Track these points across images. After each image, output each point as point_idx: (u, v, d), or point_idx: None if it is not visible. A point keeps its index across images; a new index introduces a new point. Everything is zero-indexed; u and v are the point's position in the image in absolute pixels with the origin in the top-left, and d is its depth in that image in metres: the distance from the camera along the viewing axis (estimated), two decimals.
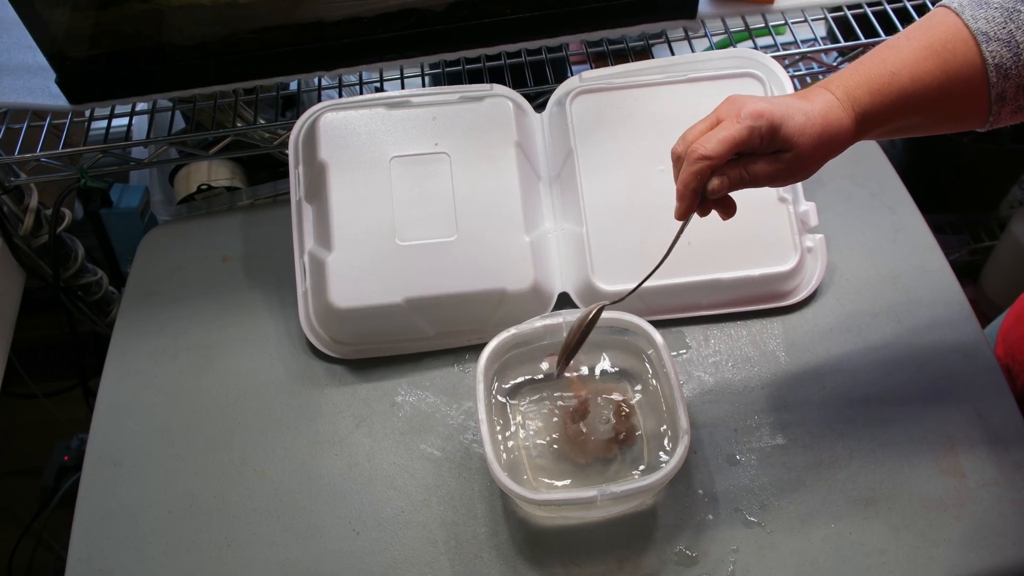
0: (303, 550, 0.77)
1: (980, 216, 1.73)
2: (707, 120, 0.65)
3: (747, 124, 0.62)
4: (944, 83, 0.62)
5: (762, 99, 0.63)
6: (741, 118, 0.62)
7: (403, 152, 0.89)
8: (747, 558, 0.74)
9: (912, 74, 0.62)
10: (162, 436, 0.85)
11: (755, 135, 0.62)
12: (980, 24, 0.61)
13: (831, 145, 0.63)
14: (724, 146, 0.62)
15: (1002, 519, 0.75)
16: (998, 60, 0.61)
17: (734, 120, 0.62)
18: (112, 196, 1.22)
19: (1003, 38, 0.61)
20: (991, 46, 0.61)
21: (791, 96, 0.65)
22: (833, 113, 0.63)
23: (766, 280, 0.88)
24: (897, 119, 0.64)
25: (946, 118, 0.65)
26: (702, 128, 0.65)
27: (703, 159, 0.62)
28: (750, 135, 0.62)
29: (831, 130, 0.63)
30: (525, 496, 0.70)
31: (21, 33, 0.85)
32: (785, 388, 0.84)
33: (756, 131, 0.62)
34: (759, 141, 0.62)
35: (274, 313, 0.92)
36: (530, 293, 0.86)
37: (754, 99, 0.63)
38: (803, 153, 0.63)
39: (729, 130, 0.62)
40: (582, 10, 0.95)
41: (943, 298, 0.89)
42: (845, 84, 0.64)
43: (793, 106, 0.63)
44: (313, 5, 0.90)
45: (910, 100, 0.63)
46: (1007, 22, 0.61)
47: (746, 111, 0.62)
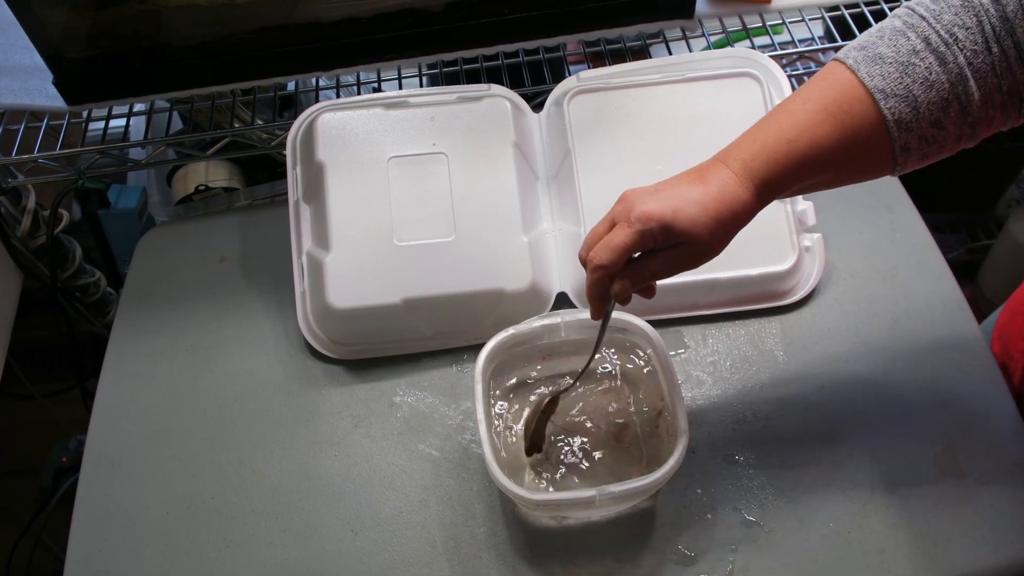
0: (301, 551, 0.77)
1: (978, 215, 1.73)
2: (604, 222, 0.66)
3: (637, 229, 0.62)
4: (844, 143, 0.62)
5: (654, 195, 0.63)
6: (631, 222, 0.62)
7: (401, 152, 0.89)
8: (746, 557, 0.74)
9: (810, 139, 0.62)
10: (160, 437, 0.85)
11: (647, 238, 0.62)
12: (876, 81, 0.60)
13: (730, 226, 0.63)
14: (616, 254, 0.63)
15: (1000, 517, 0.75)
16: (897, 116, 0.60)
17: (625, 225, 0.63)
18: (110, 197, 1.21)
19: (900, 93, 0.60)
20: (889, 103, 0.60)
21: (686, 179, 0.64)
22: (729, 192, 0.62)
23: (764, 279, 0.88)
24: (800, 182, 0.64)
25: (852, 173, 0.65)
26: (600, 231, 0.65)
27: (599, 268, 0.64)
28: (642, 239, 0.62)
29: (727, 210, 0.62)
30: (524, 496, 0.70)
31: (18, 34, 0.85)
32: (783, 387, 0.84)
33: (647, 234, 0.62)
34: (652, 242, 0.63)
35: (272, 314, 0.92)
36: (528, 293, 0.86)
37: (645, 197, 0.63)
38: (701, 243, 0.63)
39: (620, 236, 0.63)
40: (580, 10, 0.95)
41: (941, 297, 0.89)
42: (742, 157, 0.63)
43: (685, 197, 0.62)
44: (311, 5, 0.90)
45: (810, 164, 0.62)
46: (903, 76, 0.60)
47: (635, 214, 0.62)
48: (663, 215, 0.62)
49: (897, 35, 0.61)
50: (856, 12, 1.05)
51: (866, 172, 0.66)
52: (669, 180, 0.65)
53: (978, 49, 0.59)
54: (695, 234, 0.62)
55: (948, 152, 0.63)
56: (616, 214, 0.65)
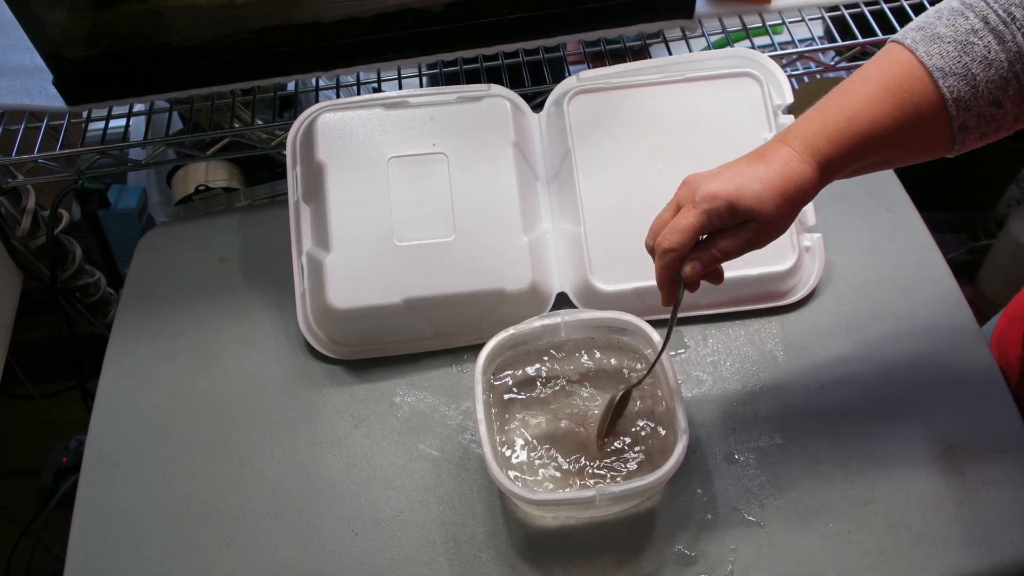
0: (302, 551, 0.77)
1: (978, 215, 1.73)
2: (669, 207, 0.66)
3: (703, 208, 0.63)
4: (903, 122, 0.62)
5: (716, 176, 0.64)
6: (696, 203, 0.63)
7: (401, 152, 0.89)
8: (746, 557, 0.74)
9: (869, 116, 0.62)
10: (160, 437, 0.85)
11: (714, 217, 0.63)
12: (935, 60, 0.61)
13: (795, 201, 0.64)
14: (685, 236, 0.63)
15: (1000, 518, 0.75)
16: (956, 94, 0.61)
17: (691, 207, 0.63)
18: (110, 197, 1.21)
19: (959, 72, 0.61)
20: (948, 81, 0.61)
21: (747, 160, 0.65)
22: (792, 169, 0.63)
23: (764, 279, 0.88)
24: (860, 160, 0.64)
25: (911, 152, 0.66)
26: (665, 216, 0.66)
27: (668, 252, 0.64)
28: (709, 219, 0.63)
29: (792, 187, 0.63)
30: (524, 496, 0.70)
31: (18, 34, 0.85)
32: (783, 387, 0.84)
33: (714, 213, 0.63)
34: (720, 221, 0.63)
35: (272, 314, 0.92)
36: (528, 293, 0.86)
37: (708, 178, 0.64)
38: (768, 219, 0.63)
39: (687, 218, 0.63)
40: (579, 10, 0.95)
41: (941, 297, 0.89)
42: (802, 135, 0.64)
43: (747, 175, 0.63)
44: (311, 5, 0.90)
45: (870, 142, 0.63)
46: (961, 55, 0.61)
47: (700, 195, 0.63)
48: (728, 193, 0.62)
49: (955, 15, 0.62)
50: (856, 12, 1.05)
51: (925, 151, 0.66)
52: (730, 163, 0.66)
53: None
54: (760, 210, 0.62)
55: (1006, 131, 0.63)
56: (680, 197, 0.65)
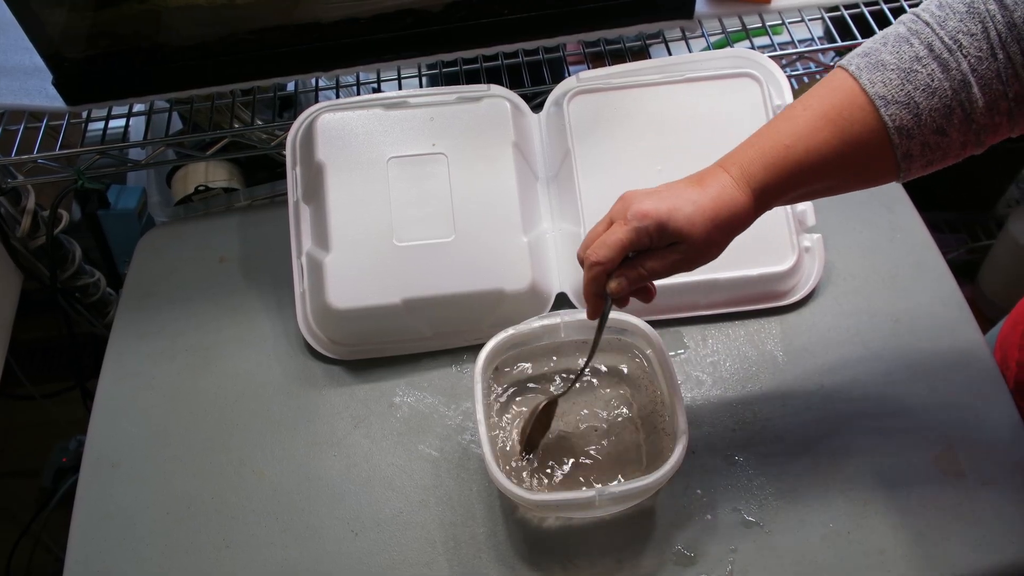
0: (301, 551, 0.77)
1: (977, 215, 1.73)
2: (603, 222, 0.66)
3: (633, 226, 0.63)
4: (842, 150, 0.62)
5: (652, 195, 0.64)
6: (628, 219, 0.63)
7: (400, 153, 0.89)
8: (746, 558, 0.74)
9: (807, 145, 0.62)
10: (160, 437, 0.85)
11: (643, 235, 0.63)
12: (878, 88, 0.60)
13: (726, 227, 0.64)
14: (612, 251, 0.63)
15: (1001, 518, 0.75)
16: (899, 123, 0.60)
17: (621, 223, 0.64)
18: (109, 197, 1.21)
19: (901, 100, 0.60)
20: (890, 109, 0.60)
21: (685, 183, 0.65)
22: (726, 195, 0.63)
23: (764, 280, 0.88)
24: (798, 188, 0.64)
25: (854, 180, 0.65)
26: (598, 230, 0.66)
27: (595, 265, 0.64)
28: (638, 236, 0.63)
29: (724, 213, 0.63)
30: (523, 497, 0.70)
31: (18, 34, 0.85)
32: (783, 388, 0.84)
33: (643, 231, 0.63)
34: (648, 240, 0.63)
35: (272, 314, 0.92)
36: (528, 293, 0.86)
37: (643, 196, 0.64)
38: (697, 242, 0.63)
39: (617, 234, 0.63)
40: (579, 10, 0.95)
41: (941, 297, 0.89)
42: (740, 162, 0.64)
43: (683, 197, 0.63)
44: (310, 6, 0.90)
45: (808, 170, 0.62)
46: (904, 83, 0.60)
47: (632, 212, 0.63)
48: (659, 213, 0.62)
49: (900, 41, 0.61)
50: (856, 12, 1.05)
51: (869, 179, 0.66)
52: (669, 183, 0.66)
53: (983, 56, 0.59)
54: (690, 233, 0.63)
55: (953, 159, 0.63)
56: (614, 213, 0.66)
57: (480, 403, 0.74)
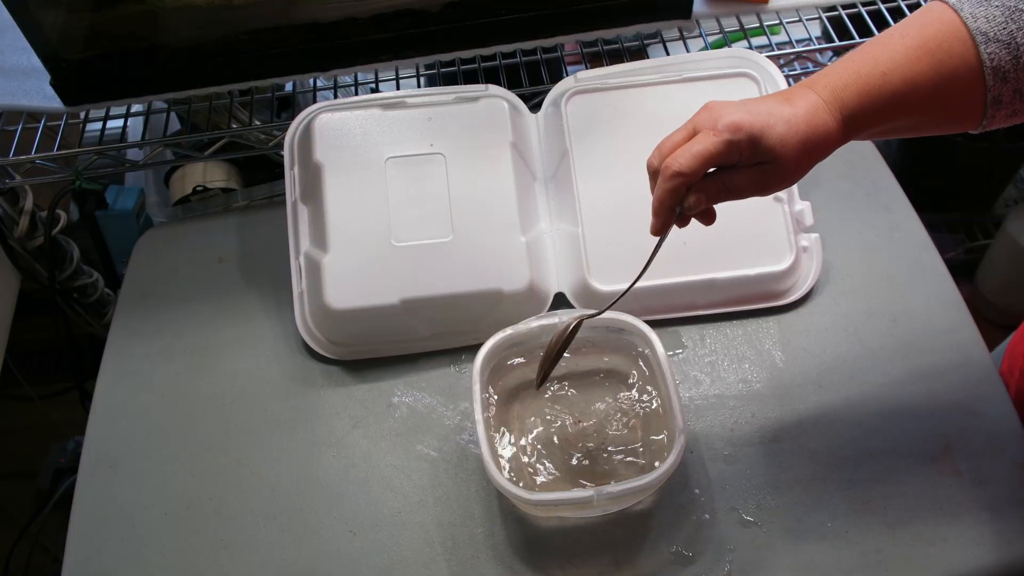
0: (300, 551, 0.77)
1: (975, 215, 1.73)
2: (684, 130, 0.61)
3: (725, 138, 0.58)
4: (938, 85, 0.58)
5: (741, 108, 0.59)
6: (719, 131, 0.58)
7: (398, 153, 0.89)
8: (744, 557, 0.74)
9: (904, 75, 0.58)
10: (158, 438, 0.85)
11: (733, 149, 0.59)
12: (980, 23, 0.57)
13: (815, 151, 0.60)
14: (699, 162, 0.59)
15: (998, 517, 0.75)
16: (996, 63, 0.57)
17: (711, 133, 0.59)
18: (107, 198, 1.21)
19: (1003, 39, 0.56)
20: (990, 47, 0.57)
21: (772, 99, 0.61)
22: (818, 117, 0.59)
23: (762, 280, 0.88)
24: (886, 122, 0.61)
25: (937, 121, 0.62)
26: (678, 139, 0.61)
27: (677, 176, 0.59)
28: (728, 149, 0.59)
29: (815, 136, 0.59)
30: (522, 496, 0.70)
31: (16, 35, 0.85)
32: (781, 387, 0.84)
33: (734, 145, 0.58)
34: (737, 155, 0.59)
35: (270, 314, 0.92)
36: (526, 293, 0.86)
37: (732, 108, 0.60)
38: (786, 163, 0.59)
39: (705, 144, 0.59)
40: (577, 10, 0.95)
41: (939, 297, 0.89)
42: (832, 85, 0.60)
43: (774, 114, 0.59)
44: (308, 6, 0.90)
45: (901, 102, 0.59)
46: (1008, 22, 0.57)
47: (724, 123, 0.58)
48: (753, 128, 0.58)
49: None
50: (853, 12, 1.05)
51: (953, 122, 0.62)
52: (754, 99, 0.62)
53: None
54: (781, 153, 0.59)
55: None
56: (699, 121, 0.60)
57: (478, 403, 0.74)
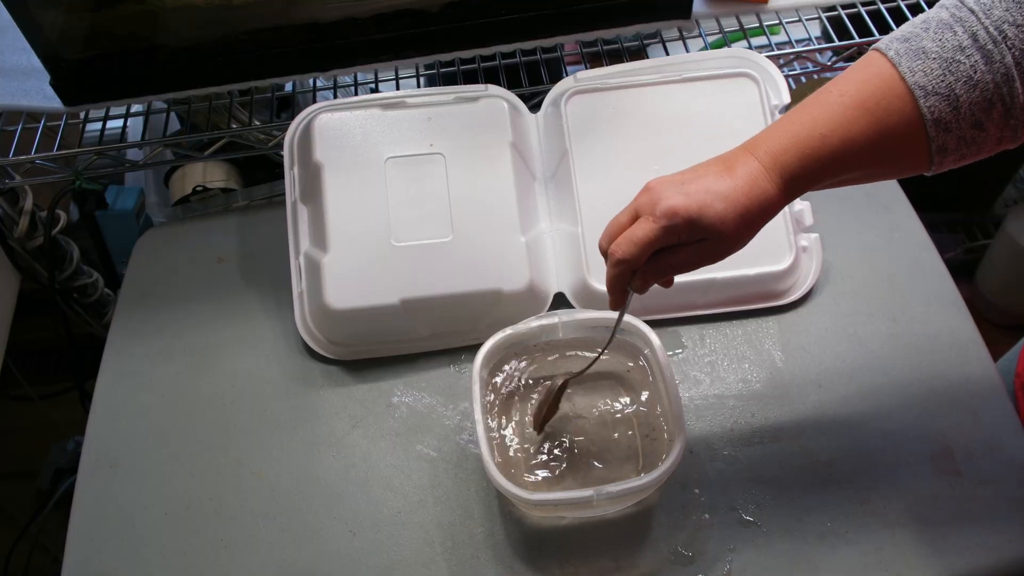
0: (300, 551, 0.77)
1: (975, 215, 1.74)
2: (627, 211, 0.64)
3: (662, 224, 0.61)
4: (878, 141, 0.59)
5: (679, 189, 0.61)
6: (657, 217, 0.61)
7: (398, 153, 0.89)
8: (743, 557, 0.74)
9: (844, 135, 0.59)
10: (158, 438, 0.85)
11: (672, 233, 0.61)
12: (918, 77, 0.57)
13: (757, 221, 0.62)
14: (639, 249, 0.62)
15: (998, 517, 0.76)
16: (937, 115, 0.57)
17: (650, 219, 0.61)
18: (107, 198, 1.21)
19: (942, 92, 0.57)
20: (929, 101, 0.57)
21: (713, 171, 0.62)
22: (757, 187, 0.61)
23: (761, 279, 0.88)
24: (829, 178, 0.62)
25: (884, 172, 0.64)
26: (623, 221, 0.64)
27: (621, 263, 0.62)
28: (667, 235, 0.61)
29: (755, 206, 0.61)
30: (521, 496, 0.70)
31: (15, 35, 0.85)
32: (781, 387, 0.84)
33: (672, 230, 0.61)
34: (677, 238, 0.61)
35: (270, 314, 0.92)
36: (526, 293, 0.86)
37: (671, 191, 0.61)
38: (727, 238, 0.61)
39: (645, 231, 0.61)
40: (577, 10, 0.95)
41: (938, 297, 0.89)
42: (772, 150, 0.61)
43: (711, 191, 0.61)
44: (308, 6, 0.90)
45: (842, 161, 0.60)
46: (946, 75, 0.57)
47: (661, 208, 0.60)
48: (689, 211, 0.60)
49: (943, 28, 0.58)
50: (853, 12, 1.05)
51: (898, 171, 0.63)
52: (695, 169, 0.63)
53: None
54: (721, 231, 0.60)
55: (987, 153, 0.61)
56: (640, 205, 0.63)
57: (478, 403, 0.75)
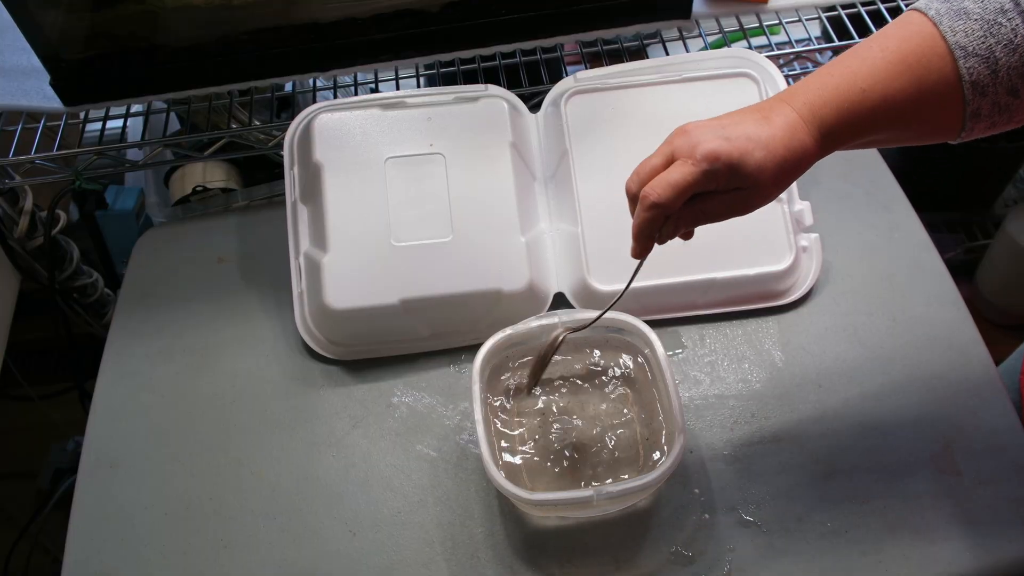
0: (300, 551, 0.77)
1: (975, 215, 1.74)
2: (660, 154, 0.61)
3: (703, 168, 0.58)
4: (917, 100, 0.58)
5: (718, 134, 0.59)
6: (697, 160, 0.58)
7: (398, 153, 0.89)
8: (743, 557, 0.74)
9: (884, 91, 0.57)
10: (158, 438, 0.85)
11: (711, 179, 0.58)
12: (959, 37, 0.56)
13: (793, 172, 0.59)
14: (677, 192, 0.58)
15: (998, 517, 0.75)
16: (975, 77, 0.56)
17: (689, 162, 0.58)
18: (107, 198, 1.21)
19: (981, 54, 0.56)
20: (969, 62, 0.56)
21: (750, 118, 0.60)
22: (796, 139, 0.58)
23: (761, 279, 0.88)
24: (863, 137, 0.60)
25: (915, 134, 0.62)
26: (656, 164, 0.60)
27: (655, 207, 0.59)
28: (706, 179, 0.58)
29: (793, 157, 0.58)
30: (521, 496, 0.70)
31: (15, 35, 0.85)
32: (781, 387, 0.84)
33: (712, 175, 0.58)
34: (715, 184, 0.59)
35: (270, 314, 0.92)
36: (526, 293, 0.86)
37: (710, 134, 0.59)
38: (764, 187, 0.59)
39: (683, 174, 0.58)
40: (577, 10, 0.95)
41: (938, 297, 0.89)
42: (811, 101, 0.59)
43: (752, 138, 0.58)
44: (308, 6, 0.90)
45: (880, 118, 0.58)
46: (986, 36, 0.56)
47: (702, 151, 0.58)
48: (731, 156, 0.57)
49: None
50: (853, 12, 1.05)
51: (929, 134, 0.62)
52: (731, 116, 0.61)
53: None
54: (759, 180, 0.58)
55: (1016, 123, 0.60)
56: (677, 148, 0.59)
57: (478, 403, 0.75)
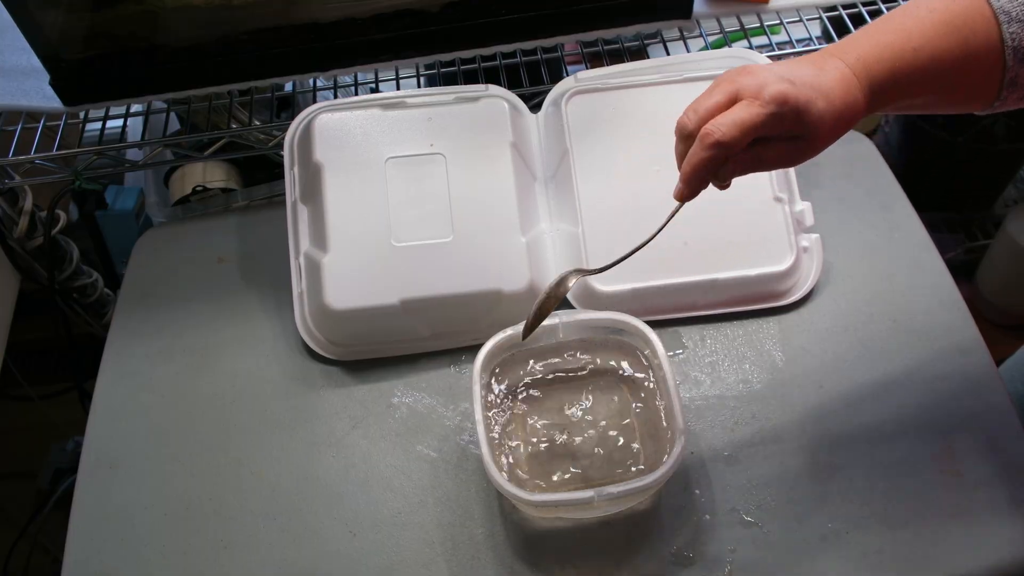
0: (300, 552, 0.77)
1: (975, 215, 1.73)
2: (722, 91, 0.57)
3: (771, 110, 0.55)
4: (961, 62, 0.57)
5: (784, 77, 0.56)
6: (765, 102, 0.55)
7: (398, 153, 0.89)
8: (744, 558, 0.74)
9: (933, 51, 0.56)
10: (158, 438, 0.85)
11: (778, 122, 0.55)
12: (1003, 2, 0.56)
13: (845, 126, 0.58)
14: (743, 133, 0.55)
15: (998, 518, 0.75)
16: (1018, 42, 0.56)
17: (756, 103, 0.55)
18: (107, 198, 1.21)
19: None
20: (1012, 27, 0.56)
21: (808, 68, 0.58)
22: (851, 94, 0.57)
23: (762, 280, 0.88)
24: (907, 99, 0.59)
25: (952, 100, 0.61)
26: (719, 102, 0.57)
27: (718, 146, 0.55)
28: (773, 122, 0.55)
29: (848, 112, 0.57)
30: (522, 497, 0.70)
31: (15, 35, 0.85)
32: (782, 388, 0.84)
33: (779, 117, 0.55)
34: (778, 128, 0.56)
35: (270, 315, 0.92)
36: (526, 294, 0.86)
37: (775, 77, 0.56)
38: (820, 139, 0.57)
39: (751, 114, 0.55)
40: (577, 10, 0.95)
41: (939, 297, 0.89)
42: (864, 57, 0.57)
43: (815, 88, 0.56)
44: (308, 6, 0.89)
45: (926, 79, 0.57)
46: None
47: (770, 93, 0.55)
48: (799, 101, 0.55)
49: None
50: (853, 12, 1.05)
51: (965, 101, 0.61)
52: (789, 63, 0.58)
53: None
54: (819, 130, 0.56)
55: None
56: (743, 87, 0.56)
57: (479, 403, 0.74)
